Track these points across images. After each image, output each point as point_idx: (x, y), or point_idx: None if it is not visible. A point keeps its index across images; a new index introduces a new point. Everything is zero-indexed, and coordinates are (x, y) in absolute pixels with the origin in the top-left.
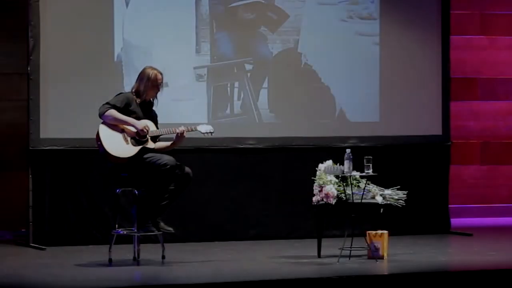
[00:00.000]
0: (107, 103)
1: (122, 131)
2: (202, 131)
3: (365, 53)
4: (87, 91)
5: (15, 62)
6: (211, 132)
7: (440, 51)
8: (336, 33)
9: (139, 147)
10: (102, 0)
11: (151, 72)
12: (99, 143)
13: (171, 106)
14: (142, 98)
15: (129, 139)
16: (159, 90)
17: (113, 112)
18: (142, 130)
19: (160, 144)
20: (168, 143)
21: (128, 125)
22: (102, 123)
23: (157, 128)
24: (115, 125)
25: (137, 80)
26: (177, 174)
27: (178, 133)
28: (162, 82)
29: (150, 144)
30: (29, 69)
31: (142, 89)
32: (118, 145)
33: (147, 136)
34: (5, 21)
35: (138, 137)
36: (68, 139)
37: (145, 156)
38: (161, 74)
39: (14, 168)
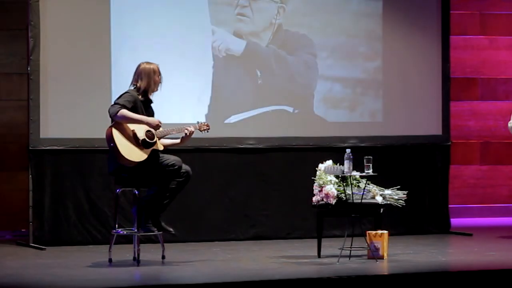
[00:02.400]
0: (117, 103)
1: (133, 134)
2: (201, 130)
3: (366, 53)
4: (87, 91)
5: (15, 62)
6: (207, 129)
7: (440, 51)
8: (336, 34)
9: (148, 151)
10: (102, 0)
11: (151, 66)
12: (112, 144)
13: (170, 106)
14: (150, 94)
15: (140, 141)
16: (160, 82)
17: (125, 112)
18: (156, 126)
19: (168, 141)
20: (176, 141)
21: (141, 123)
22: (114, 125)
23: None
24: (125, 128)
25: (138, 78)
26: (182, 174)
27: (187, 132)
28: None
29: (160, 146)
30: (29, 69)
31: (151, 85)
32: (131, 149)
33: (155, 138)
34: (5, 21)
35: (148, 139)
36: (68, 139)
37: (153, 157)
38: (158, 66)
39: (14, 168)
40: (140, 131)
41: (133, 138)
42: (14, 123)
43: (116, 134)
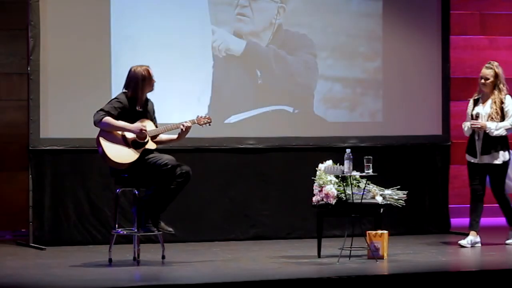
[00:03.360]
0: (101, 109)
1: (122, 135)
2: (200, 123)
3: (366, 53)
4: (87, 91)
5: (15, 62)
6: (209, 123)
7: (440, 51)
8: (336, 34)
9: (140, 151)
10: (102, 0)
11: (141, 70)
12: (100, 148)
13: (170, 106)
14: (141, 100)
15: (130, 142)
16: (154, 81)
17: (108, 120)
18: (139, 132)
19: (165, 137)
20: (173, 136)
21: (124, 131)
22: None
23: (155, 118)
24: (113, 131)
25: (130, 84)
26: (177, 173)
27: (183, 128)
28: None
29: (151, 145)
30: (29, 69)
31: (140, 92)
32: (119, 151)
33: (147, 137)
34: (5, 21)
35: (139, 139)
36: (68, 139)
37: (146, 156)
38: (149, 67)
39: (14, 168)
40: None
41: (122, 141)
42: (14, 123)
43: (103, 138)
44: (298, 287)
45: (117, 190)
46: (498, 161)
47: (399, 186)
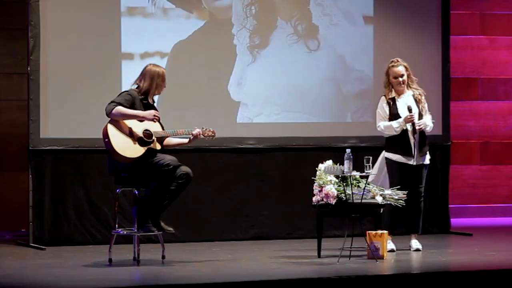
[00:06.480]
0: (113, 101)
1: (129, 131)
2: (204, 135)
3: (365, 53)
4: (87, 91)
5: (15, 62)
6: (212, 136)
7: (440, 51)
8: (335, 34)
9: (145, 148)
10: (102, 0)
11: (157, 70)
12: (106, 140)
13: (171, 107)
14: (150, 97)
15: (136, 139)
16: (165, 87)
17: (120, 109)
18: (152, 118)
19: (176, 141)
20: (184, 141)
21: (137, 118)
22: (110, 122)
23: (160, 123)
24: (122, 126)
25: (142, 79)
26: (178, 174)
27: (194, 135)
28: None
29: (156, 146)
30: (29, 69)
31: (153, 88)
32: (126, 145)
33: (153, 137)
34: (5, 21)
35: (145, 138)
36: (68, 139)
37: (150, 156)
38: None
39: (14, 168)
40: (138, 128)
41: (129, 135)
42: (14, 123)
43: (111, 130)
44: (298, 287)
45: (117, 190)
46: (428, 160)
47: (399, 186)
